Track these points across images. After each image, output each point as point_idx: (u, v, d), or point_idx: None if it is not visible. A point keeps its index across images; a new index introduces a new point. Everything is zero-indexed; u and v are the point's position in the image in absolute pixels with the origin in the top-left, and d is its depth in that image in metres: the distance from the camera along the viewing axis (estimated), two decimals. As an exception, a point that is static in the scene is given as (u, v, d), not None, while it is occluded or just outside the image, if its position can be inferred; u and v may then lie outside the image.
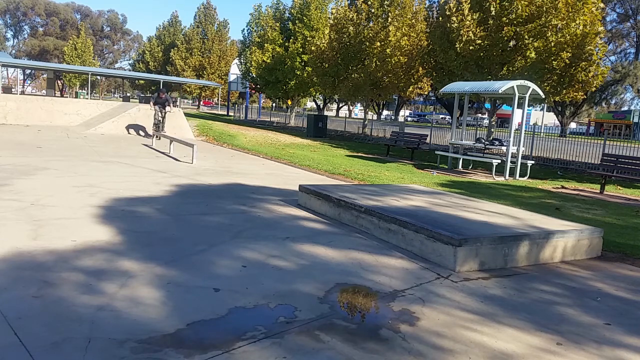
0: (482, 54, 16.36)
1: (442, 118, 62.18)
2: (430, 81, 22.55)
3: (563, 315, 3.56)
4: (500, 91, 12.31)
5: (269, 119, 38.59)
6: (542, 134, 19.67)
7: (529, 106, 15.76)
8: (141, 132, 17.21)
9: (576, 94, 16.51)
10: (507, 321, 3.36)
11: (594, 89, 17.22)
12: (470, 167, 14.72)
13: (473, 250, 4.43)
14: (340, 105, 64.35)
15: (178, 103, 54.08)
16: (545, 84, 15.59)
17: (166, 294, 3.41)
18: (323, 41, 25.40)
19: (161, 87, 48.43)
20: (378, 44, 22.33)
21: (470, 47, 16.12)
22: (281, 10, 34.22)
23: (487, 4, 15.98)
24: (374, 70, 22.72)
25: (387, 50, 21.96)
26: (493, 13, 15.77)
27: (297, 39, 30.61)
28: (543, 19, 15.05)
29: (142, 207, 5.99)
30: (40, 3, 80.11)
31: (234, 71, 42.96)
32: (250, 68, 33.75)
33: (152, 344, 2.70)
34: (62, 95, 56.02)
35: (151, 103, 16.13)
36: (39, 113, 18.29)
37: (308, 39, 28.85)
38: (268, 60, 31.33)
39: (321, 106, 42.36)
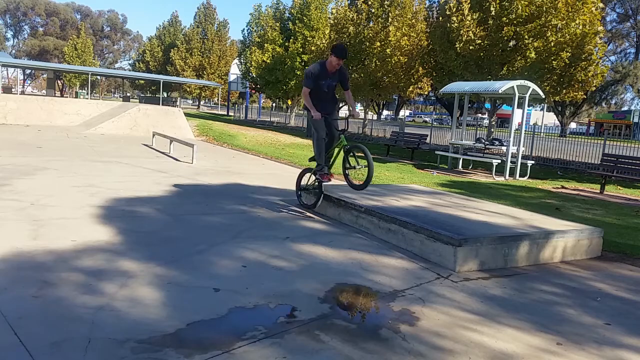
0: (482, 54, 16.35)
1: (423, 119, 63.22)
2: (430, 81, 22.56)
3: (563, 315, 3.56)
4: (500, 91, 12.31)
5: (269, 119, 38.58)
6: (542, 134, 19.66)
7: (529, 106, 15.76)
8: (141, 132, 17.20)
9: (576, 93, 16.52)
10: (507, 321, 3.36)
11: (593, 88, 17.22)
12: (470, 167, 14.71)
13: (473, 250, 4.43)
14: (340, 105, 64.40)
15: (178, 103, 54.12)
16: (545, 83, 15.59)
17: (166, 294, 3.41)
18: (323, 41, 25.41)
19: (161, 86, 48.52)
20: (378, 44, 22.33)
21: (470, 47, 16.12)
22: (281, 10, 34.23)
23: (487, 4, 15.97)
24: (374, 70, 22.73)
25: (387, 50, 21.96)
26: (493, 13, 15.77)
27: (297, 39, 30.60)
28: (543, 19, 15.05)
29: (142, 207, 5.99)
30: (40, 3, 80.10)
31: (234, 71, 42.97)
32: (250, 68, 33.75)
33: (152, 344, 2.70)
34: (62, 95, 56.08)
35: (311, 109, 5.87)
36: (39, 113, 18.29)
37: (308, 39, 28.85)
38: (268, 60, 31.33)
39: (321, 106, 42.30)
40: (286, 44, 31.36)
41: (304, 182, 6.39)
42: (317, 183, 6.01)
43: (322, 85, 5.92)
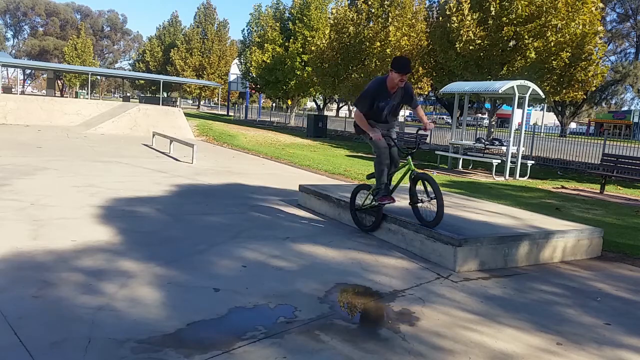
0: (482, 54, 16.36)
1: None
2: (430, 81, 22.56)
3: (563, 315, 3.56)
4: (500, 91, 12.31)
5: (269, 119, 38.60)
6: (542, 134, 19.67)
7: (529, 106, 15.77)
8: (141, 132, 17.18)
9: (576, 93, 16.52)
10: (507, 321, 3.36)
11: (593, 88, 17.23)
12: (470, 167, 14.71)
13: (473, 250, 4.43)
14: (340, 105, 64.37)
15: (178, 103, 54.15)
16: (545, 83, 15.59)
17: (166, 294, 3.41)
18: (323, 41, 25.43)
19: (161, 86, 48.54)
20: (378, 44, 22.34)
21: (470, 47, 16.12)
22: (281, 10, 34.25)
23: (487, 4, 15.98)
24: (374, 70, 22.72)
25: (387, 50, 21.97)
26: (493, 13, 15.77)
27: (297, 39, 30.62)
28: (543, 18, 15.06)
29: (142, 207, 5.99)
30: (41, 3, 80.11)
31: (234, 71, 42.99)
32: (250, 68, 33.77)
33: (152, 344, 2.70)
34: (62, 95, 56.08)
35: (368, 131, 5.00)
36: (39, 113, 18.29)
37: (308, 39, 28.87)
38: (268, 60, 31.34)
39: (321, 106, 42.37)
40: (286, 44, 31.37)
41: (359, 200, 5.58)
42: (376, 204, 5.23)
43: (382, 107, 4.95)
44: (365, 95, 4.92)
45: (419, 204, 4.89)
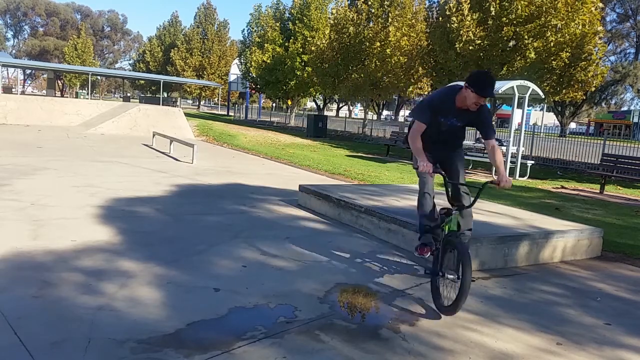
0: (482, 54, 16.36)
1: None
2: (430, 81, 22.56)
3: (563, 315, 3.56)
4: (500, 91, 12.30)
5: (269, 119, 38.59)
6: (541, 134, 19.66)
7: (528, 106, 15.76)
8: (141, 132, 17.16)
9: (576, 93, 16.53)
10: (507, 321, 3.36)
11: (593, 88, 17.24)
12: (470, 167, 14.71)
13: (473, 251, 4.42)
14: (340, 105, 64.35)
15: (178, 103, 54.17)
16: (545, 84, 15.59)
17: (166, 294, 3.41)
18: (323, 41, 25.45)
19: (161, 86, 48.51)
20: (378, 44, 22.36)
21: (470, 47, 16.13)
22: (281, 10, 34.26)
23: (487, 4, 15.98)
24: (374, 71, 22.75)
25: (387, 50, 21.99)
26: (493, 13, 15.78)
27: (297, 39, 30.62)
28: (543, 19, 15.06)
29: (142, 207, 5.99)
30: (41, 3, 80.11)
31: (234, 71, 43.00)
32: (250, 68, 33.77)
33: (152, 344, 2.70)
34: (62, 95, 56.12)
35: (418, 156, 3.78)
36: (39, 113, 18.30)
37: (308, 39, 28.89)
38: (268, 61, 31.34)
39: (321, 106, 42.35)
40: (286, 44, 31.37)
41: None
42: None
43: (442, 124, 3.81)
44: (429, 105, 3.80)
45: (440, 278, 3.51)
